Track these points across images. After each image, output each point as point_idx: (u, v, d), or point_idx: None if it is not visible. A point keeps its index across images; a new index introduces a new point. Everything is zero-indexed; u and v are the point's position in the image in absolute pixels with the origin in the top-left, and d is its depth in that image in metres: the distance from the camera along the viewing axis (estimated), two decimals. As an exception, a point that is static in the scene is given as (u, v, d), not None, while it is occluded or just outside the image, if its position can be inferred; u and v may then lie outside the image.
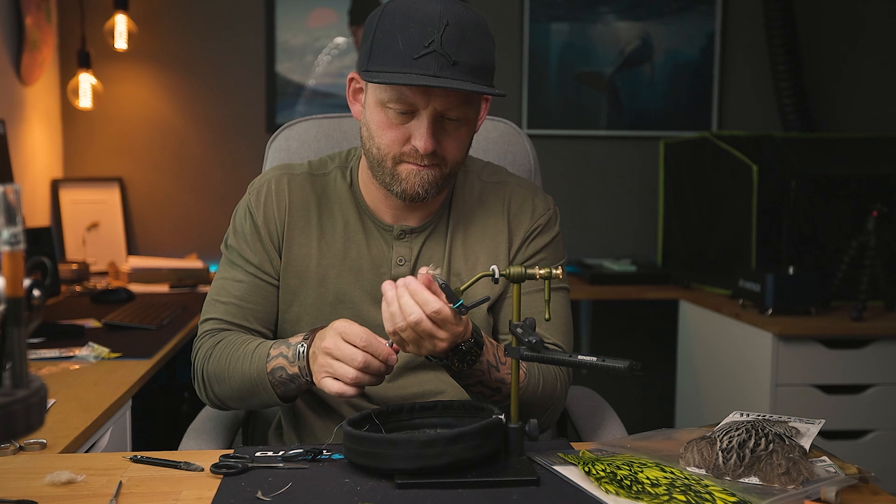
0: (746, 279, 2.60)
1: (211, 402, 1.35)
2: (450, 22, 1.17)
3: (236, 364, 1.26)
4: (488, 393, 1.21)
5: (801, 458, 1.00)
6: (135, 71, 3.33)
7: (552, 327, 1.32)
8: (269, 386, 1.23)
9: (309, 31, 3.37)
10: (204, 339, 1.34)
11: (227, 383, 1.28)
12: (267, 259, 1.35)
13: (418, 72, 1.16)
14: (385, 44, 1.19)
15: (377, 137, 1.25)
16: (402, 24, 1.18)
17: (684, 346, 3.02)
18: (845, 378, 2.48)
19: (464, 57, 1.17)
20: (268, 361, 1.23)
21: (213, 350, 1.31)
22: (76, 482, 0.99)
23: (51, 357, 1.76)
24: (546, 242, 1.38)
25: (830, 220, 2.69)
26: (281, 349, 1.23)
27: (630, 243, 3.54)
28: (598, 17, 3.49)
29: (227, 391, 1.29)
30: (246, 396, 1.27)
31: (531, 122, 3.48)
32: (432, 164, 1.24)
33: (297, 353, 1.20)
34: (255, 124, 3.38)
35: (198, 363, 1.33)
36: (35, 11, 2.98)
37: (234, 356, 1.27)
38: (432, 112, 1.21)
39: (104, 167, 3.34)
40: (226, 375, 1.28)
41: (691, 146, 3.09)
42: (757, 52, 3.51)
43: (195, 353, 1.35)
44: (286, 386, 1.23)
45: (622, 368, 0.99)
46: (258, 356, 1.24)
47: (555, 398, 1.30)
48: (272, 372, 1.22)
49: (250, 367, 1.24)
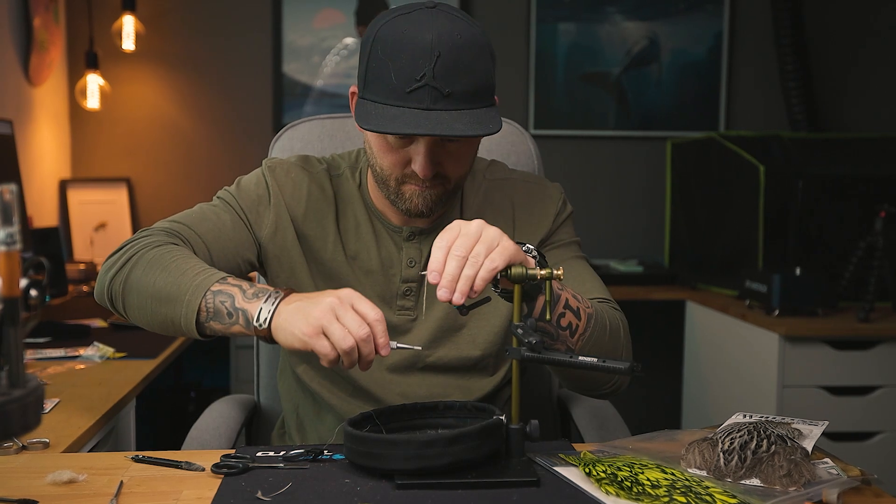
0: (753, 280, 2.59)
1: (109, 289, 1.20)
2: (442, 52, 1.14)
3: (174, 263, 1.15)
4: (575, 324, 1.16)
5: (802, 460, 1.00)
6: (142, 72, 3.35)
7: (594, 288, 1.32)
8: (196, 306, 1.11)
9: (315, 31, 3.38)
10: (157, 232, 1.23)
11: (151, 277, 1.15)
12: (258, 219, 1.30)
13: (411, 105, 1.14)
14: (378, 73, 1.17)
15: (379, 159, 1.24)
16: (394, 54, 1.15)
17: (691, 346, 3.01)
18: (852, 379, 2.47)
19: (458, 86, 1.15)
20: (218, 281, 1.12)
21: (167, 245, 1.19)
22: (77, 481, 1.00)
23: (56, 357, 1.77)
24: (567, 226, 1.39)
25: (838, 221, 2.68)
26: (241, 283, 1.13)
27: (637, 244, 3.53)
28: (605, 17, 3.48)
29: (142, 286, 1.15)
30: (158, 305, 1.14)
31: (538, 122, 3.47)
32: (435, 184, 1.23)
33: (258, 294, 1.10)
34: (262, 125, 3.39)
35: (132, 246, 1.20)
36: (43, 13, 3.00)
37: (175, 255, 1.16)
38: (430, 140, 1.19)
39: (112, 167, 3.36)
40: (155, 270, 1.15)
41: (698, 146, 3.08)
42: (764, 51, 3.50)
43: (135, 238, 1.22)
44: (218, 317, 1.11)
45: (623, 369, 0.99)
46: (211, 273, 1.14)
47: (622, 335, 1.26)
48: (216, 293, 1.11)
49: (192, 278, 1.13)
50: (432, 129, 1.13)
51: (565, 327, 1.15)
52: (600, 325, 1.20)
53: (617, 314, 1.28)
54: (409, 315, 1.32)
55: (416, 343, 1.29)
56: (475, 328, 1.33)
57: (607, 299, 1.31)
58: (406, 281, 1.32)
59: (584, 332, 1.17)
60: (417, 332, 1.31)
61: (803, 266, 2.57)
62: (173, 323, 1.14)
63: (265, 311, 1.09)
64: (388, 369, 1.32)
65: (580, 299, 1.18)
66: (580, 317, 1.16)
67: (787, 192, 2.67)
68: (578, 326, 1.16)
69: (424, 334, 1.31)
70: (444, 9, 1.19)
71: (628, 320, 1.30)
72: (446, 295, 1.02)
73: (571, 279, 1.30)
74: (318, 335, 1.03)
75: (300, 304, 1.07)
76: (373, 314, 1.05)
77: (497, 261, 1.02)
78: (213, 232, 1.27)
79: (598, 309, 1.21)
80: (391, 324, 1.31)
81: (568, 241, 1.38)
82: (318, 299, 1.06)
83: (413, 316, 1.32)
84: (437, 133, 1.13)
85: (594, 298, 1.28)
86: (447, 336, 1.32)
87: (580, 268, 1.36)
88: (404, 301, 1.32)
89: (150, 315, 1.16)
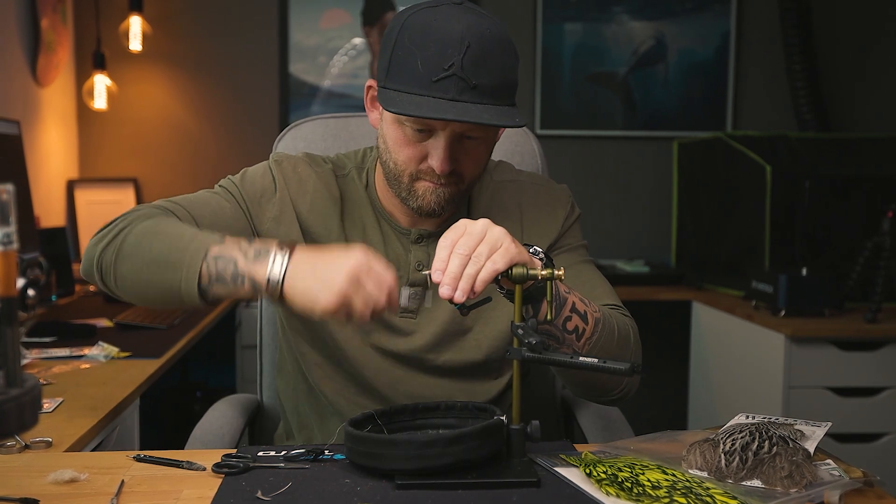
0: (759, 280, 2.58)
1: (99, 260, 1.15)
2: (472, 43, 1.13)
3: (169, 229, 1.12)
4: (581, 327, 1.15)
5: (804, 461, 0.99)
6: (149, 72, 3.36)
7: (604, 294, 1.31)
8: (197, 270, 1.06)
9: (322, 31, 3.38)
10: (152, 208, 1.20)
11: (147, 244, 1.11)
12: (259, 211, 1.28)
13: (437, 94, 1.13)
14: (404, 62, 1.15)
15: (394, 153, 1.23)
16: (422, 43, 1.14)
17: (697, 347, 3.01)
18: (859, 380, 2.46)
19: (484, 79, 1.14)
20: (217, 245, 1.08)
21: (159, 216, 1.16)
22: (79, 480, 1.00)
23: (61, 356, 1.77)
24: (576, 229, 1.39)
25: (845, 221, 2.67)
26: (240, 242, 1.08)
27: (643, 244, 3.52)
28: (611, 16, 3.48)
29: (136, 253, 1.11)
30: (154, 271, 1.09)
31: (544, 122, 3.47)
32: (449, 182, 1.22)
33: (261, 255, 1.06)
34: (268, 125, 3.40)
35: (124, 218, 1.16)
36: (51, 13, 3.01)
37: (170, 223, 1.13)
38: (451, 133, 1.18)
39: (119, 167, 3.37)
40: (150, 237, 1.11)
41: (705, 146, 3.07)
42: (772, 51, 3.48)
43: (128, 212, 1.19)
44: (222, 282, 1.07)
45: (623, 370, 0.99)
46: (206, 236, 1.10)
47: (632, 341, 1.26)
48: (216, 257, 1.07)
49: (189, 243, 1.09)
50: (460, 116, 1.12)
51: (572, 331, 1.14)
52: (608, 331, 1.19)
53: (626, 320, 1.27)
54: (414, 317, 1.32)
55: (419, 343, 1.29)
56: (480, 332, 1.33)
57: (617, 305, 1.30)
58: (414, 284, 1.31)
59: (590, 336, 1.16)
60: (421, 334, 1.31)
61: (810, 266, 2.56)
62: (171, 289, 1.08)
63: (275, 273, 1.04)
64: (394, 365, 1.31)
65: (588, 303, 1.17)
66: (587, 321, 1.16)
67: (794, 192, 2.66)
68: (585, 331, 1.16)
69: (429, 337, 1.31)
70: (469, 6, 1.19)
71: (636, 321, 1.29)
72: (448, 292, 1.01)
73: (581, 284, 1.29)
74: (340, 306, 1.02)
75: (315, 263, 1.04)
76: (389, 277, 1.04)
77: (499, 262, 1.02)
78: (209, 216, 1.24)
79: (605, 314, 1.20)
80: (396, 326, 1.31)
81: (576, 245, 1.37)
82: (336, 261, 1.03)
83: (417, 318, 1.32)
84: (467, 120, 1.12)
85: (605, 305, 1.27)
86: (452, 339, 1.32)
87: (589, 273, 1.35)
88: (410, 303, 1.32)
89: (145, 285, 1.11)
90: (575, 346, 1.15)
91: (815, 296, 2.48)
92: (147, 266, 1.10)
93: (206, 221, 1.22)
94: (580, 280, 1.31)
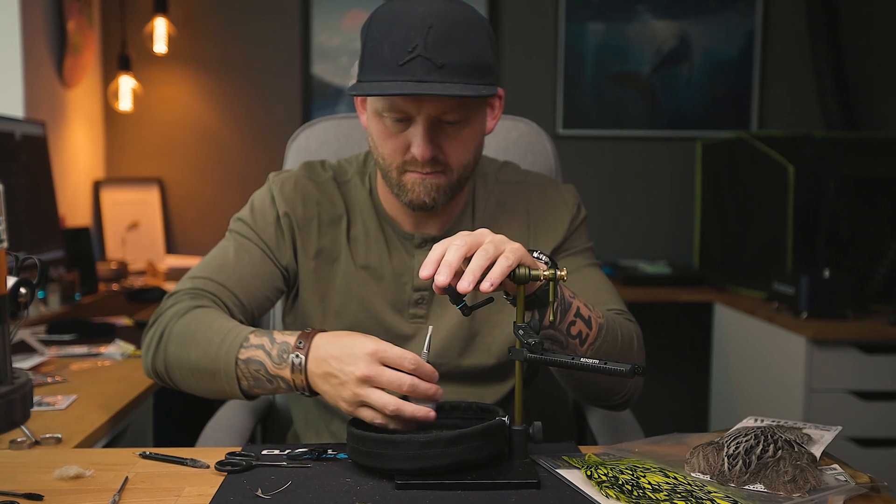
0: (781, 282, 2.55)
1: (153, 368, 1.23)
2: (434, 24, 1.13)
3: (200, 333, 1.16)
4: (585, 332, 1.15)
5: (808, 466, 0.98)
6: (174, 74, 3.39)
7: (609, 299, 1.30)
8: (234, 376, 1.13)
9: (344, 32, 3.40)
10: (181, 297, 1.24)
11: (185, 354, 1.17)
12: (278, 244, 1.31)
13: (404, 78, 1.13)
14: (373, 52, 1.17)
15: (380, 147, 1.24)
16: (388, 31, 1.15)
17: (719, 349, 2.97)
18: (883, 384, 2.41)
19: (451, 58, 1.14)
20: (243, 347, 1.13)
21: (191, 312, 1.20)
22: (84, 477, 1.01)
23: (80, 354, 1.80)
24: (582, 231, 1.38)
25: (870, 222, 2.63)
26: (263, 341, 1.12)
27: (666, 244, 3.50)
28: (634, 16, 3.45)
29: (180, 363, 1.18)
30: (200, 379, 1.16)
31: (567, 122, 3.45)
32: (436, 171, 1.22)
33: (284, 358, 1.10)
34: (291, 125, 3.41)
35: (161, 319, 1.22)
36: (77, 16, 3.05)
37: (202, 321, 1.17)
38: (426, 118, 1.18)
39: (144, 168, 3.41)
40: (186, 346, 1.17)
41: (728, 146, 3.04)
42: (798, 49, 3.44)
43: (163, 309, 1.24)
44: (260, 384, 1.13)
45: (624, 371, 0.98)
46: (231, 338, 1.14)
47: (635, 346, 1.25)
48: (246, 362, 1.12)
49: (218, 348, 1.14)
50: (418, 90, 1.12)
51: (575, 336, 1.14)
52: (611, 336, 1.18)
53: (631, 325, 1.26)
54: (422, 323, 1.32)
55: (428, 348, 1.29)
56: (489, 337, 1.32)
57: (622, 310, 1.29)
58: (418, 289, 1.31)
59: (594, 341, 1.16)
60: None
61: (833, 268, 2.52)
62: (223, 393, 1.17)
63: (300, 379, 1.10)
64: None
65: (592, 308, 1.16)
66: (591, 326, 1.15)
67: (818, 192, 2.62)
68: (589, 335, 1.15)
69: (437, 342, 1.30)
70: None
71: (658, 322, 1.28)
72: (443, 279, 0.99)
73: (585, 289, 1.29)
74: (360, 408, 1.05)
75: (328, 370, 1.07)
76: (408, 362, 1.04)
77: (511, 258, 1.00)
78: (235, 278, 1.27)
79: (609, 319, 1.20)
80: (403, 333, 1.31)
81: (582, 248, 1.37)
82: (343, 368, 1.05)
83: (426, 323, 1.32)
84: (423, 92, 1.12)
85: (609, 309, 1.26)
86: (461, 344, 1.32)
87: (594, 277, 1.34)
88: (417, 309, 1.32)
89: (200, 389, 1.19)
90: (578, 350, 1.15)
91: (837, 298, 2.44)
92: (192, 375, 1.18)
93: (234, 285, 1.26)
94: (585, 284, 1.30)
